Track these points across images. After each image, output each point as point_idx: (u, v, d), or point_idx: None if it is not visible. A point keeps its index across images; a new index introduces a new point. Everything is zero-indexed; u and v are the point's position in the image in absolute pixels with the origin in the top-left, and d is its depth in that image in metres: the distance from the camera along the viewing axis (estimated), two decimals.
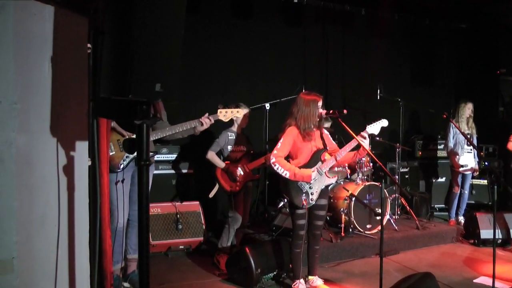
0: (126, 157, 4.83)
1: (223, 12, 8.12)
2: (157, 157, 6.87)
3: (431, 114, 8.81)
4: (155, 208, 6.46)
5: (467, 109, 8.05)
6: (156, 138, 5.01)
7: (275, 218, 6.82)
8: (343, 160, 5.07)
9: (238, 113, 5.44)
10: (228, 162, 6.17)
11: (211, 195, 6.22)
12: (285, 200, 6.20)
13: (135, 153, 2.57)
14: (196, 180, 7.19)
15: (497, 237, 7.18)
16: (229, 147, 6.19)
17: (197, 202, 6.77)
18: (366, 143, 4.93)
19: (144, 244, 2.47)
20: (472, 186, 8.77)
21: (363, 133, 5.00)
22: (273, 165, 4.88)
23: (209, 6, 7.94)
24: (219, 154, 6.24)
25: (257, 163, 6.22)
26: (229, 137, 6.19)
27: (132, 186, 4.95)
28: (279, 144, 4.97)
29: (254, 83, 8.41)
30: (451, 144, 8.09)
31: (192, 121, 5.09)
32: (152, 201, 6.17)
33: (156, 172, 6.45)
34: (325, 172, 5.01)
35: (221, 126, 6.17)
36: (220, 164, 6.12)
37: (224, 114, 5.30)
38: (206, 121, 5.15)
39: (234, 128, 6.25)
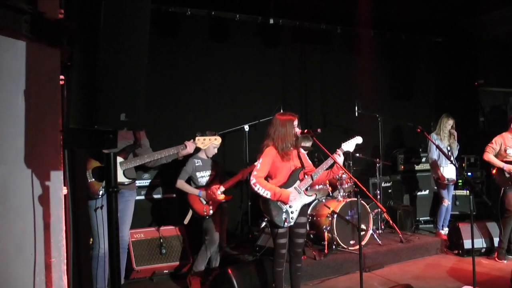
0: None
1: (200, 35, 8.28)
2: (139, 183, 6.97)
3: (413, 128, 8.98)
4: (139, 234, 6.54)
5: (448, 125, 8.23)
6: (138, 164, 5.11)
7: (258, 238, 6.91)
8: (319, 178, 5.18)
9: (216, 141, 5.57)
10: (202, 188, 6.31)
11: (186, 221, 6.34)
12: (266, 219, 6.30)
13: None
14: (179, 204, 7.24)
15: (481, 246, 7.34)
16: (198, 174, 6.32)
17: (180, 226, 6.83)
18: (340, 161, 5.06)
19: (115, 267, 2.58)
20: (455, 197, 8.93)
21: (338, 151, 5.13)
22: (253, 186, 4.93)
23: (187, 29, 8.10)
24: (190, 181, 6.37)
25: (234, 180, 6.36)
26: (196, 164, 6.32)
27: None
28: (258, 164, 5.02)
29: (233, 105, 8.55)
30: (434, 156, 8.25)
31: (174, 147, 5.20)
32: (135, 226, 6.27)
33: (138, 197, 6.54)
34: (303, 191, 5.11)
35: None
36: (193, 191, 6.26)
37: (202, 142, 5.43)
38: (190, 145, 5.28)
39: (201, 154, 6.36)
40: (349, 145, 5.20)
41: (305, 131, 5.14)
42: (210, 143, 5.54)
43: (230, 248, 7.30)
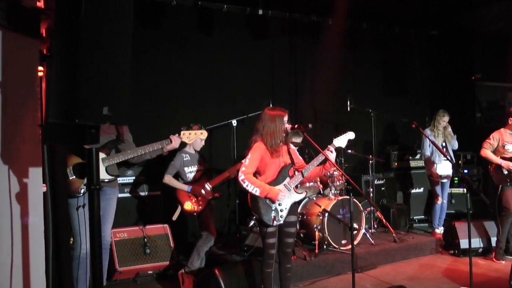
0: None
1: (186, 26, 8.23)
2: (122, 180, 6.93)
3: (407, 124, 9.00)
4: (122, 233, 6.49)
5: (443, 121, 8.25)
6: (121, 160, 5.07)
7: (247, 237, 6.90)
8: (310, 175, 5.16)
9: (202, 135, 5.54)
10: (190, 183, 6.29)
11: (175, 217, 6.31)
12: (254, 218, 6.28)
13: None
14: (164, 202, 7.22)
15: (478, 246, 7.38)
16: (186, 169, 6.32)
17: (165, 225, 6.80)
18: (332, 157, 5.03)
19: (97, 268, 2.55)
20: (451, 195, 8.96)
21: (330, 147, 5.11)
22: (242, 183, 4.89)
23: (172, 20, 8.05)
24: (177, 177, 6.34)
25: (221, 178, 6.37)
26: (184, 159, 6.33)
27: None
28: (246, 160, 4.97)
29: (221, 99, 8.52)
30: (427, 152, 8.28)
31: (158, 142, 5.16)
32: (118, 225, 6.24)
33: (121, 195, 6.51)
34: (293, 188, 5.09)
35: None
36: (182, 186, 6.25)
37: (188, 136, 5.38)
38: (175, 139, 5.23)
39: (188, 149, 6.39)
40: (341, 141, 5.18)
41: (296, 126, 5.12)
42: (196, 137, 5.50)
43: (217, 247, 7.26)
